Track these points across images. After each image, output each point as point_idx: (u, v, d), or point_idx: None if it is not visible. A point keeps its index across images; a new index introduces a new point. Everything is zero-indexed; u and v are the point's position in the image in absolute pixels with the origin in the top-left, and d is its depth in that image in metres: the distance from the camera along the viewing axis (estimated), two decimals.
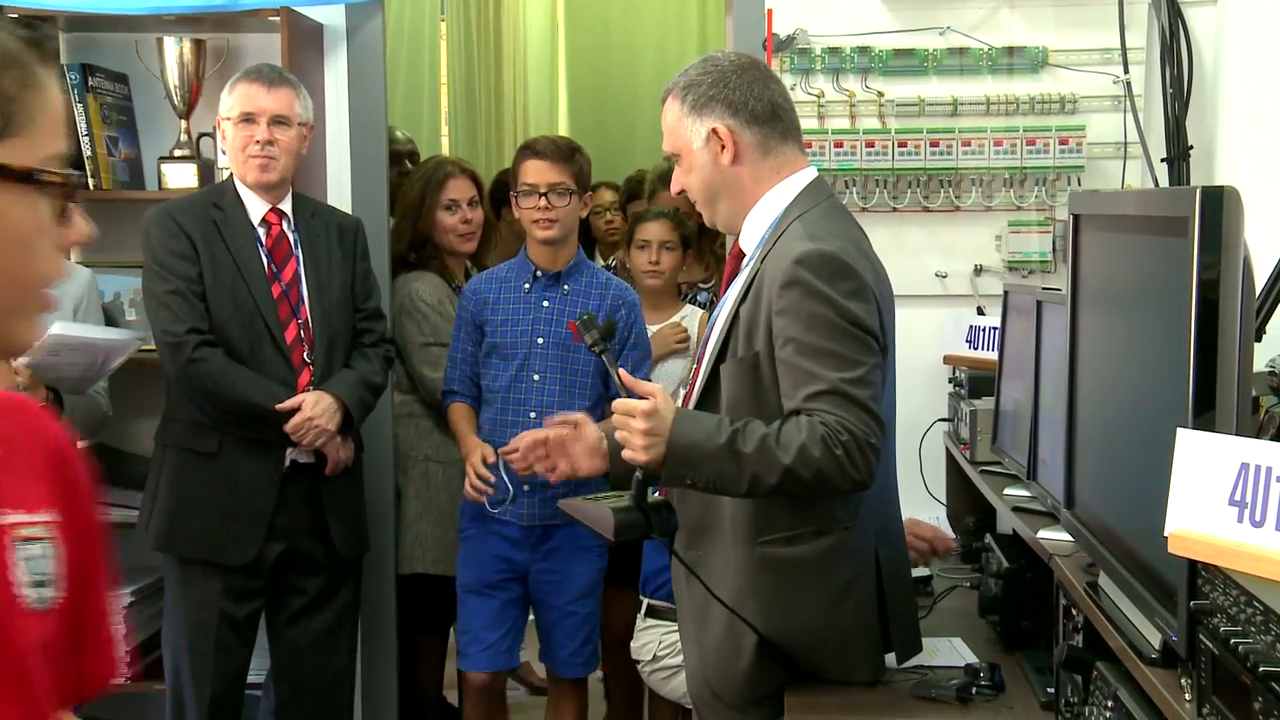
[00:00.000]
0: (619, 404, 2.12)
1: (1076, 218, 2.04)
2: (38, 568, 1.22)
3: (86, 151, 3.46)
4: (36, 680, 1.22)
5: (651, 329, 3.54)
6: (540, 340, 3.25)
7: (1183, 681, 1.48)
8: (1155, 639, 1.58)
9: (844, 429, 2.01)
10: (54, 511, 1.25)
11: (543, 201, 3.22)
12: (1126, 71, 3.38)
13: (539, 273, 3.29)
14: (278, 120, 3.07)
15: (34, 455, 1.27)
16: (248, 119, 3.05)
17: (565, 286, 3.29)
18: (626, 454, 2.12)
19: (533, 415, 3.18)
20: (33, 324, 1.20)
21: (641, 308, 3.50)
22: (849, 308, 2.06)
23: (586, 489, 2.70)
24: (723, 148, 2.21)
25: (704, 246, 3.88)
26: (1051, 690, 2.09)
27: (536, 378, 3.25)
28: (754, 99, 2.22)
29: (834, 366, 2.03)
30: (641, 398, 2.09)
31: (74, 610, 1.26)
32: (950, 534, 2.80)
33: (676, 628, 2.50)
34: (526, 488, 3.18)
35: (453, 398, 3.36)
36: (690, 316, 3.62)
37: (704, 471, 2.06)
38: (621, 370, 2.20)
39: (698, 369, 2.27)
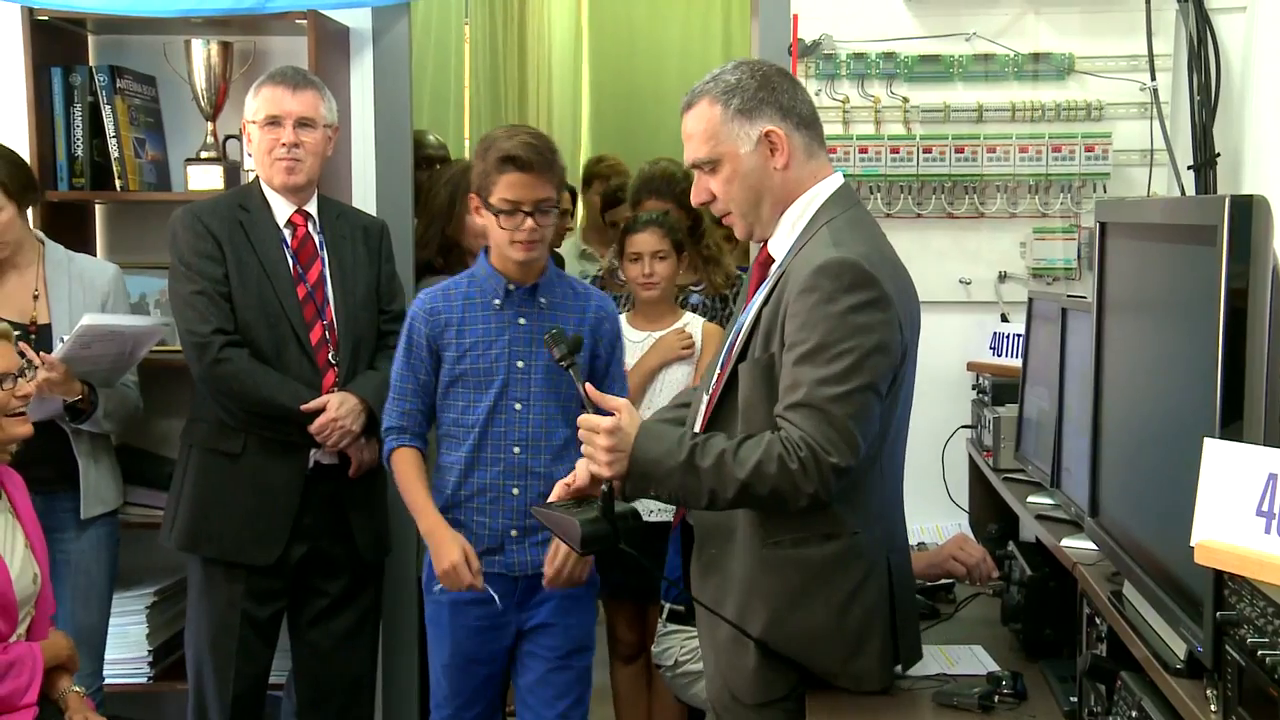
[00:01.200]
0: (583, 420, 2.17)
1: (1103, 225, 2.04)
2: None
3: (114, 153, 3.49)
4: None
5: (648, 336, 3.48)
6: (520, 364, 2.81)
7: (1208, 693, 1.47)
8: (1180, 649, 1.57)
9: (805, 445, 2.02)
10: None
11: (529, 223, 2.76)
12: (1153, 78, 3.37)
13: (511, 286, 2.83)
14: (303, 123, 3.08)
15: None
16: (273, 122, 3.07)
17: (542, 300, 2.84)
18: (591, 468, 2.18)
19: (517, 450, 2.81)
20: None
21: (632, 319, 3.48)
22: (860, 320, 2.06)
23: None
24: (773, 150, 2.20)
25: (691, 249, 3.79)
26: (1074, 699, 2.09)
27: (519, 406, 2.81)
28: (800, 103, 2.23)
29: (822, 380, 2.04)
30: (608, 413, 2.14)
31: None
32: (981, 549, 2.77)
33: (697, 633, 2.50)
34: (514, 532, 2.83)
35: (400, 439, 2.87)
36: (693, 324, 3.53)
37: (665, 486, 2.11)
38: (588, 385, 2.24)
39: (721, 371, 2.28)
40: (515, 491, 2.81)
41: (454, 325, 2.83)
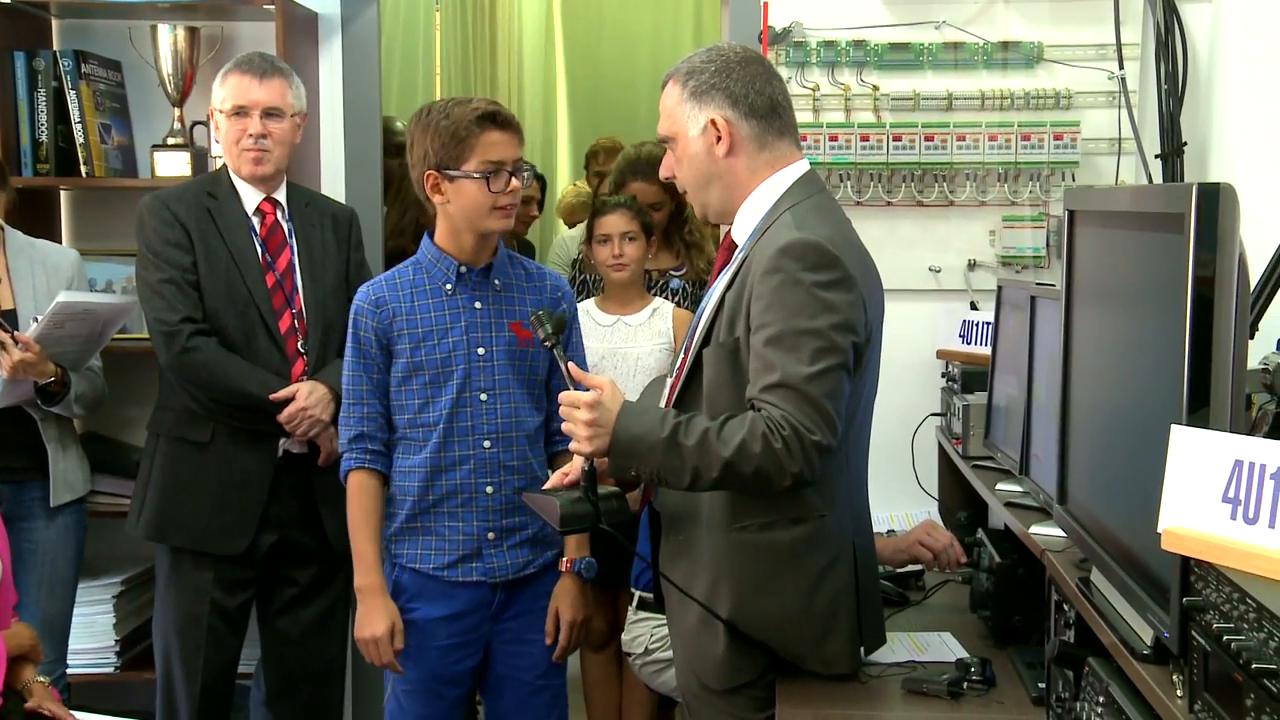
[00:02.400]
0: (564, 396, 2.16)
1: (1072, 213, 2.04)
2: None
3: (79, 139, 3.45)
4: None
5: (617, 320, 3.47)
6: (481, 351, 2.63)
7: (1174, 678, 1.48)
8: (1147, 635, 1.58)
9: (787, 424, 2.01)
10: None
11: (515, 181, 2.61)
12: (1121, 67, 3.38)
13: (463, 269, 2.64)
14: (270, 112, 3.05)
15: None
16: (240, 112, 3.04)
17: (496, 282, 2.66)
18: (572, 445, 2.17)
19: (487, 445, 2.63)
20: None
21: (601, 303, 3.47)
22: (826, 298, 2.07)
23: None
24: (718, 139, 2.21)
25: (674, 233, 3.79)
26: (1043, 685, 2.10)
27: (484, 397, 2.63)
28: (755, 92, 2.22)
29: (795, 360, 2.04)
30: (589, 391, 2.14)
31: None
32: (949, 534, 2.78)
33: (666, 620, 2.51)
34: (491, 535, 2.66)
35: (360, 457, 2.65)
36: (661, 309, 3.53)
37: (647, 463, 2.10)
38: (571, 364, 2.23)
39: (685, 355, 2.28)
40: (489, 490, 2.64)
41: (403, 315, 2.62)
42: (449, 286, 2.65)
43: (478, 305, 2.64)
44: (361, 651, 2.67)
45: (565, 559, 2.72)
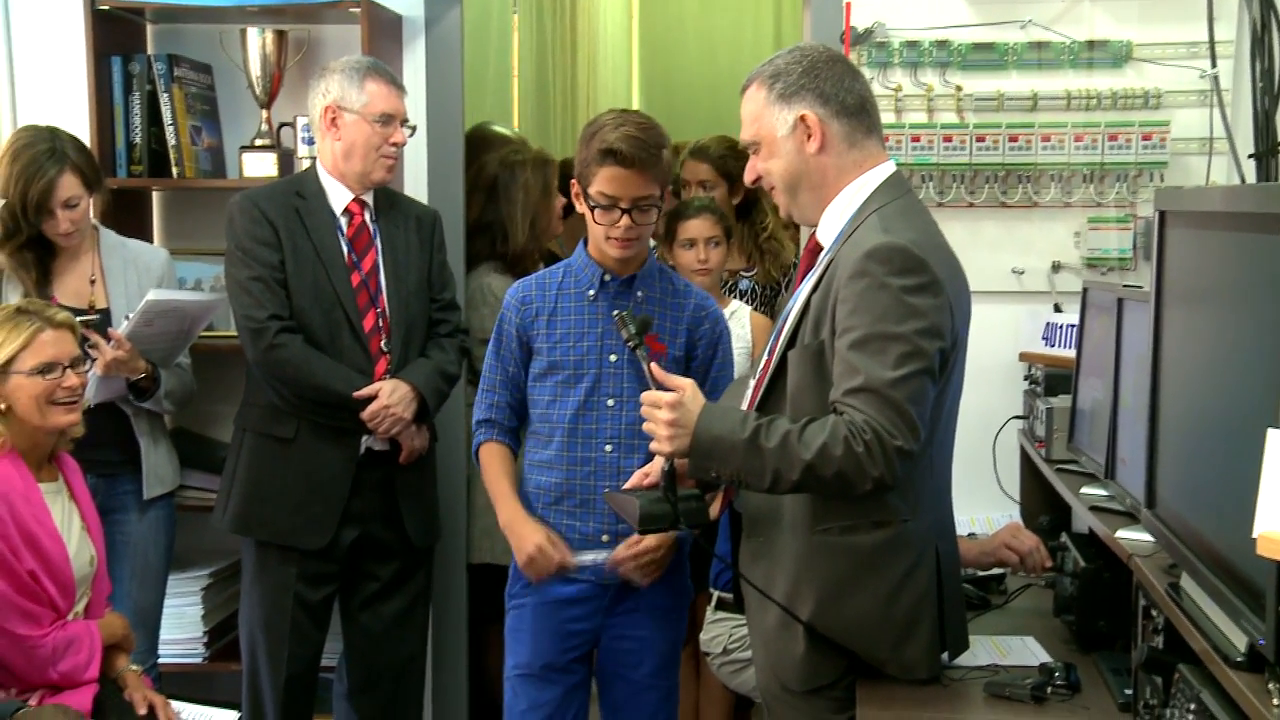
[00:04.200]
0: (646, 396, 2.18)
1: (1163, 214, 2.01)
2: None
3: (171, 141, 3.53)
4: None
5: None
6: (613, 358, 2.68)
7: (1270, 686, 1.46)
8: (1241, 642, 1.56)
9: (869, 428, 2.00)
10: None
11: (625, 220, 2.63)
12: (1214, 65, 3.32)
13: (607, 277, 2.70)
14: (404, 122, 3.13)
15: None
16: (387, 120, 3.09)
17: (639, 293, 2.70)
18: (652, 445, 2.19)
19: (608, 449, 2.68)
20: None
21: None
22: (913, 303, 2.05)
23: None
24: (809, 136, 2.20)
25: (745, 235, 3.79)
26: (1129, 692, 2.07)
27: (611, 403, 2.68)
28: (844, 90, 2.21)
29: (879, 364, 2.02)
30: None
31: None
32: (1035, 538, 2.75)
33: (746, 621, 2.51)
34: (606, 538, 2.69)
35: (488, 432, 2.77)
36: (740, 313, 3.54)
37: (728, 464, 2.10)
38: (653, 365, 2.24)
39: (769, 359, 2.28)
40: (607, 493, 2.63)
41: (545, 315, 2.71)
42: (591, 292, 2.70)
43: (614, 315, 2.58)
44: (528, 575, 2.69)
45: None
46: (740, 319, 3.52)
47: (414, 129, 3.20)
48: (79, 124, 3.39)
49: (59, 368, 2.72)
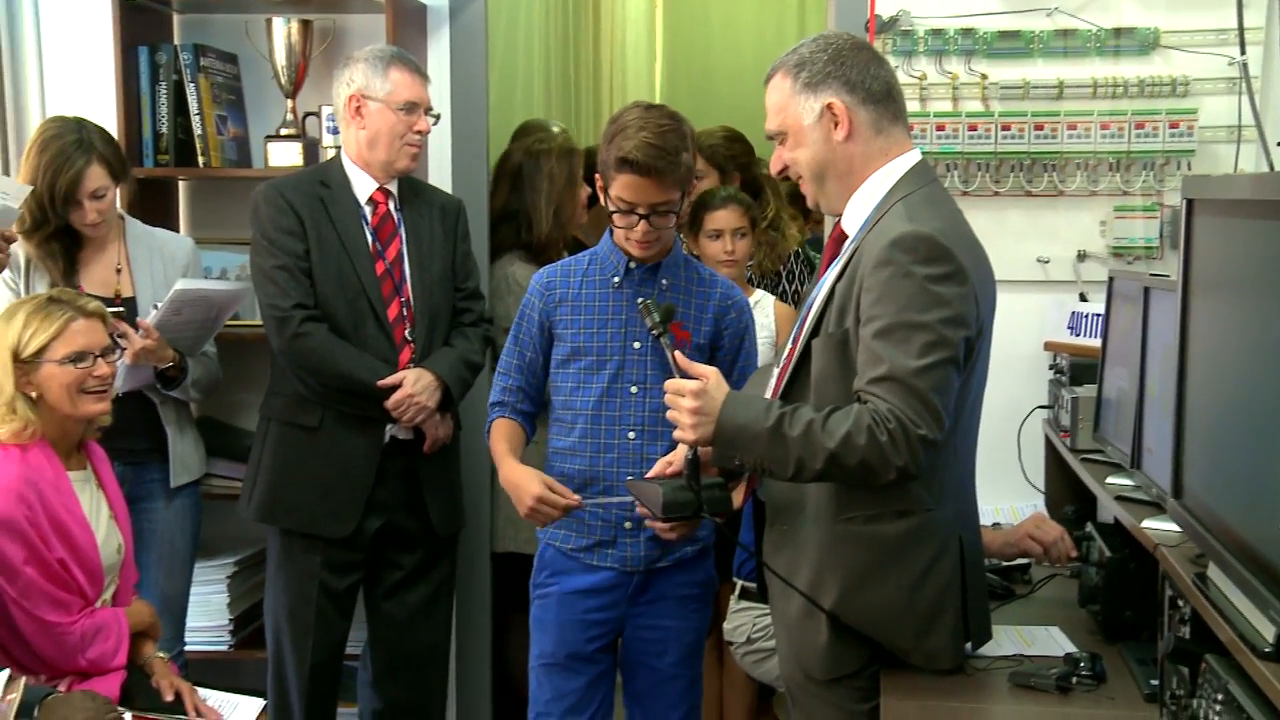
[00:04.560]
0: (670, 384, 2.18)
1: (1190, 202, 2.00)
2: None
3: (197, 130, 3.54)
4: None
5: None
6: (637, 345, 2.68)
7: None
8: (1269, 632, 1.55)
9: (894, 417, 2.00)
10: None
11: (643, 225, 2.64)
12: (1243, 52, 3.29)
13: (632, 265, 2.71)
14: (428, 110, 3.14)
15: None
16: (412, 108, 3.09)
17: (664, 281, 2.71)
18: (676, 434, 2.19)
19: (632, 436, 2.69)
20: None
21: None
22: (938, 292, 2.04)
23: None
24: (836, 124, 2.20)
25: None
26: (1155, 682, 2.06)
27: (635, 390, 2.69)
28: (870, 78, 2.21)
29: (903, 353, 2.02)
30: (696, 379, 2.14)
31: None
32: (1059, 528, 2.74)
33: (769, 610, 2.51)
34: (628, 524, 2.70)
35: (500, 411, 2.80)
36: (763, 302, 3.54)
37: (751, 453, 2.10)
38: (677, 353, 2.24)
39: (793, 347, 2.27)
40: (630, 481, 2.63)
41: (569, 301, 2.73)
42: (616, 280, 2.71)
43: (638, 303, 2.58)
44: (534, 521, 2.68)
45: None
46: (764, 308, 3.51)
47: (438, 117, 3.20)
48: (106, 114, 3.41)
49: (90, 357, 2.74)
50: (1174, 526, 2.08)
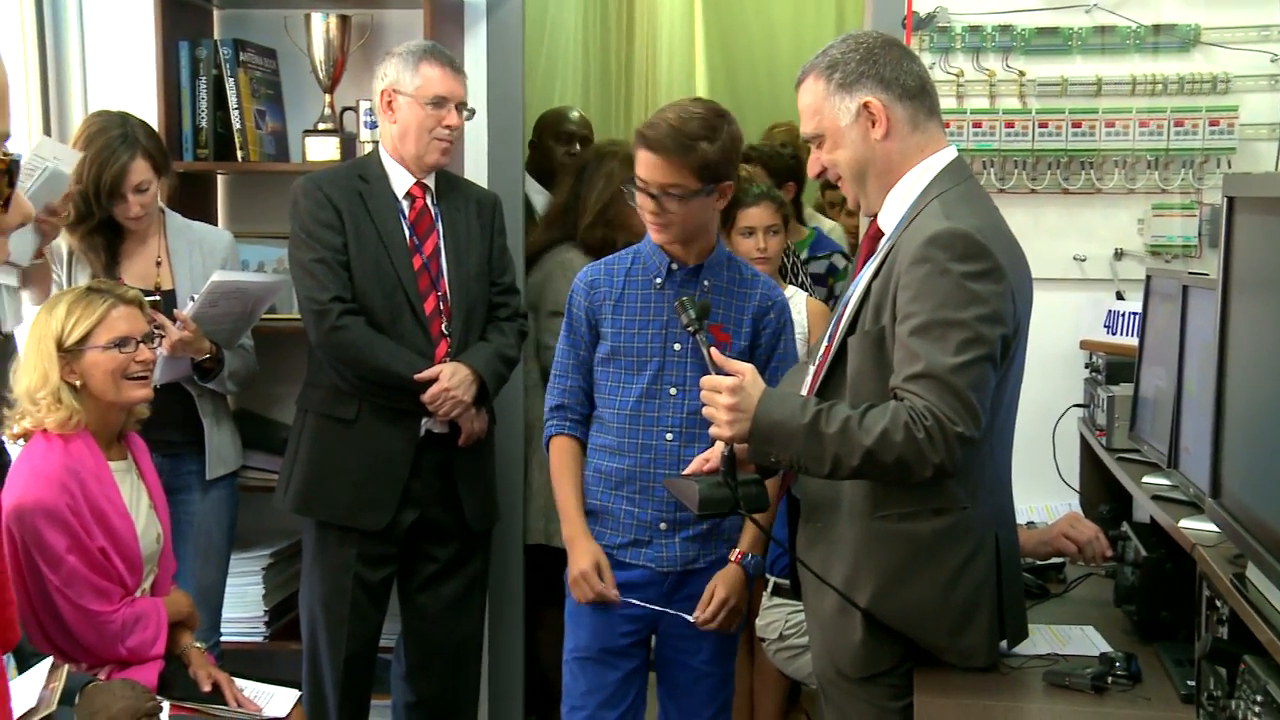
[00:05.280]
0: (706, 380, 2.18)
1: (1231, 200, 1.98)
2: None
3: (236, 125, 3.57)
4: None
5: None
6: (677, 346, 2.69)
7: None
8: None
9: (930, 414, 1.99)
10: None
11: (652, 204, 2.64)
12: None
13: (674, 266, 2.71)
14: (460, 106, 3.14)
15: None
16: (440, 103, 3.10)
17: (705, 283, 2.71)
18: (712, 430, 2.19)
19: (669, 437, 2.69)
20: None
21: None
22: (975, 289, 2.04)
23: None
24: (873, 123, 2.19)
25: None
26: (1192, 683, 2.05)
27: (674, 391, 2.69)
28: (904, 73, 2.20)
29: (940, 350, 2.01)
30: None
31: None
32: (1094, 527, 2.73)
33: (802, 607, 2.51)
34: (664, 525, 2.72)
35: (559, 423, 2.79)
36: (796, 298, 3.52)
37: (787, 449, 2.10)
38: (713, 350, 2.24)
39: (829, 344, 2.27)
40: (667, 479, 2.65)
41: (611, 300, 2.73)
42: (658, 280, 2.72)
43: (675, 303, 2.54)
44: (573, 593, 2.74)
45: (737, 551, 2.72)
46: (796, 305, 3.50)
47: (472, 112, 3.21)
48: (147, 108, 3.44)
49: (132, 342, 2.78)
50: (1212, 526, 2.07)
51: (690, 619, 2.69)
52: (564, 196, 3.71)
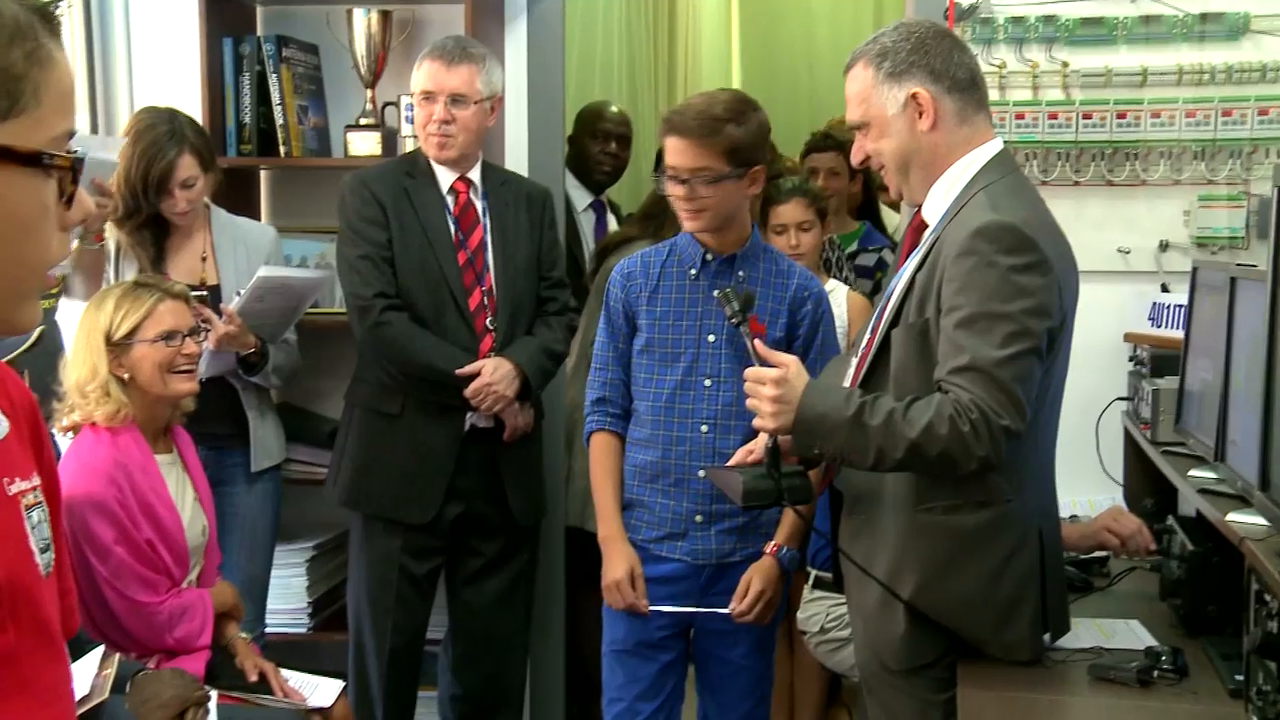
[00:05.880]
0: (750, 372, 2.17)
1: None
2: (41, 533, 1.20)
3: (279, 120, 3.60)
4: (60, 641, 1.22)
5: None
6: (711, 338, 2.68)
7: None
8: None
9: (975, 407, 1.98)
10: (37, 474, 1.23)
11: (680, 189, 2.63)
12: None
13: (709, 256, 2.71)
14: (456, 99, 3.11)
15: (23, 419, 1.24)
16: (428, 97, 3.11)
17: (740, 273, 2.69)
18: (756, 422, 2.19)
19: (704, 429, 2.67)
20: (34, 306, 1.14)
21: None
22: (1021, 282, 2.02)
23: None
24: (921, 114, 2.18)
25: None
26: (1240, 677, 2.03)
27: (708, 383, 2.68)
28: (955, 65, 2.19)
29: (986, 343, 2.00)
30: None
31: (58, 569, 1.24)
32: (1137, 521, 2.71)
33: (844, 599, 2.51)
34: (699, 518, 2.70)
35: (601, 418, 2.77)
36: (836, 292, 3.50)
37: (831, 442, 2.10)
38: (757, 341, 2.23)
39: (872, 337, 2.27)
40: (702, 474, 2.65)
41: (646, 292, 2.72)
42: (693, 271, 2.71)
43: (715, 293, 2.54)
44: (606, 599, 2.73)
45: (772, 543, 2.71)
46: (837, 298, 3.49)
47: (487, 102, 3.14)
48: (192, 104, 3.47)
49: (179, 336, 2.82)
50: (1260, 520, 2.05)
51: (725, 612, 2.69)
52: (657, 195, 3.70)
